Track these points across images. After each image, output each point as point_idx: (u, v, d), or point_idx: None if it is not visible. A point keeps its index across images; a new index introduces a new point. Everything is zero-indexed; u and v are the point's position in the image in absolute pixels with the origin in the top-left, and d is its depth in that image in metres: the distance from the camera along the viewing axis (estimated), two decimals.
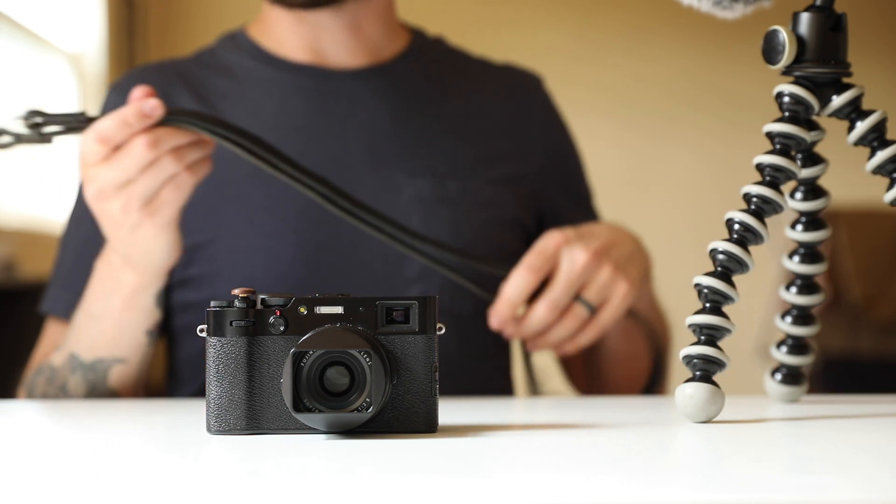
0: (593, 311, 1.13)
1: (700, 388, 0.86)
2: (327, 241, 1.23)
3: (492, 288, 1.16)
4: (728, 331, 0.88)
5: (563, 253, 1.13)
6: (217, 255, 1.23)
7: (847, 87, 0.91)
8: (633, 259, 1.17)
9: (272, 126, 1.26)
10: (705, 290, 0.88)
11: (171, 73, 1.31)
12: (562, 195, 1.36)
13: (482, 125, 1.33)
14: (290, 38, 1.30)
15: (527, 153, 1.34)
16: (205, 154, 1.06)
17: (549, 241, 1.14)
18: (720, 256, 0.89)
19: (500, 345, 1.29)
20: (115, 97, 1.27)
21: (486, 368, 1.28)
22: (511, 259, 1.27)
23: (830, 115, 0.92)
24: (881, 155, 0.90)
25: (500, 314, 1.13)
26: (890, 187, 0.90)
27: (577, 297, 1.13)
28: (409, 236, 1.12)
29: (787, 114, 0.91)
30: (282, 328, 0.80)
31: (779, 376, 1.02)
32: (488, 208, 1.29)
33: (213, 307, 0.80)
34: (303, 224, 1.23)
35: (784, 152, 0.90)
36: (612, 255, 1.15)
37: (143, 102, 1.02)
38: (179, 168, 1.04)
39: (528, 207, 1.32)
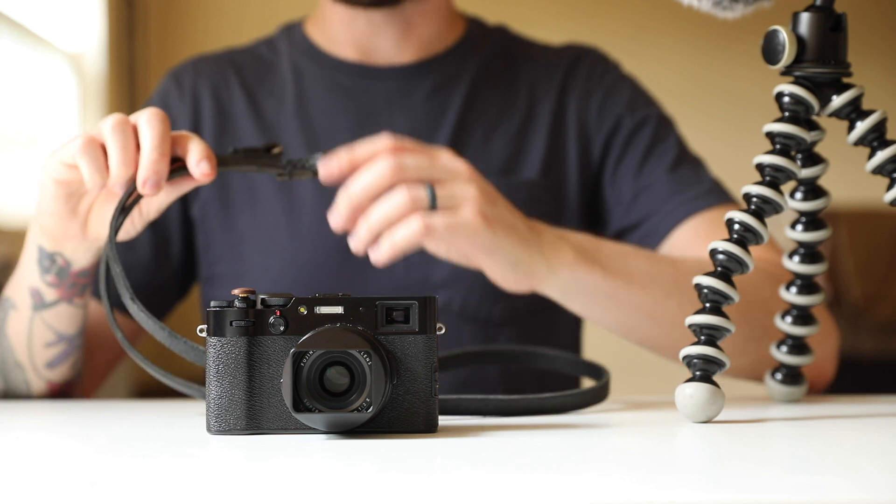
0: (433, 206, 0.95)
1: (700, 388, 0.86)
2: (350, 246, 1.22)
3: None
4: (728, 331, 0.88)
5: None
6: (245, 254, 1.25)
7: (847, 87, 0.91)
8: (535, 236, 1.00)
9: (308, 127, 1.27)
10: (705, 290, 0.89)
11: (227, 63, 1.32)
12: (629, 174, 1.27)
13: (533, 116, 1.28)
14: (340, 34, 1.29)
15: (583, 134, 1.28)
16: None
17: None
18: (720, 256, 0.89)
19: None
20: (170, 83, 1.30)
21: (515, 376, 1.25)
22: None
23: (830, 115, 0.92)
24: (881, 155, 0.90)
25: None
26: (890, 187, 0.90)
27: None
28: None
29: (787, 114, 0.91)
30: (282, 328, 0.80)
31: (779, 376, 1.02)
32: (522, 207, 1.25)
33: (213, 307, 0.80)
34: (326, 228, 1.23)
35: (784, 152, 0.90)
36: (500, 205, 0.99)
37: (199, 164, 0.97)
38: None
39: (572, 201, 1.27)
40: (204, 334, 0.81)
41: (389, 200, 0.94)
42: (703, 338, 0.88)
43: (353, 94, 1.28)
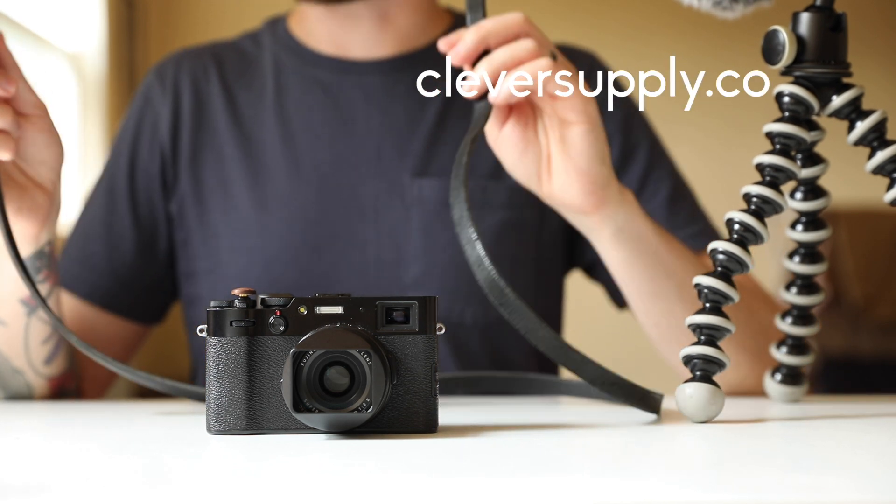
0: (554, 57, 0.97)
1: (700, 388, 0.86)
2: (323, 244, 1.22)
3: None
4: (728, 331, 0.88)
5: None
6: (218, 249, 1.24)
7: (847, 87, 0.91)
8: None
9: (286, 121, 1.26)
10: (705, 290, 0.88)
11: (209, 55, 1.32)
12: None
13: None
14: (316, 29, 1.29)
15: None
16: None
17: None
18: (720, 256, 0.89)
19: (500, 360, 1.24)
20: (153, 78, 1.30)
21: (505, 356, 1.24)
22: (525, 264, 1.24)
23: (830, 115, 0.92)
24: (881, 155, 0.90)
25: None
26: (890, 187, 0.90)
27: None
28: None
29: (787, 114, 0.91)
30: (282, 328, 0.80)
31: (779, 376, 1.02)
32: (504, 210, 1.23)
33: (213, 307, 0.80)
34: (299, 225, 1.23)
35: (784, 152, 0.90)
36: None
37: None
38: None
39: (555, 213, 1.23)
40: (204, 334, 0.81)
41: (518, 44, 0.96)
42: (703, 338, 0.88)
43: (330, 90, 1.27)
